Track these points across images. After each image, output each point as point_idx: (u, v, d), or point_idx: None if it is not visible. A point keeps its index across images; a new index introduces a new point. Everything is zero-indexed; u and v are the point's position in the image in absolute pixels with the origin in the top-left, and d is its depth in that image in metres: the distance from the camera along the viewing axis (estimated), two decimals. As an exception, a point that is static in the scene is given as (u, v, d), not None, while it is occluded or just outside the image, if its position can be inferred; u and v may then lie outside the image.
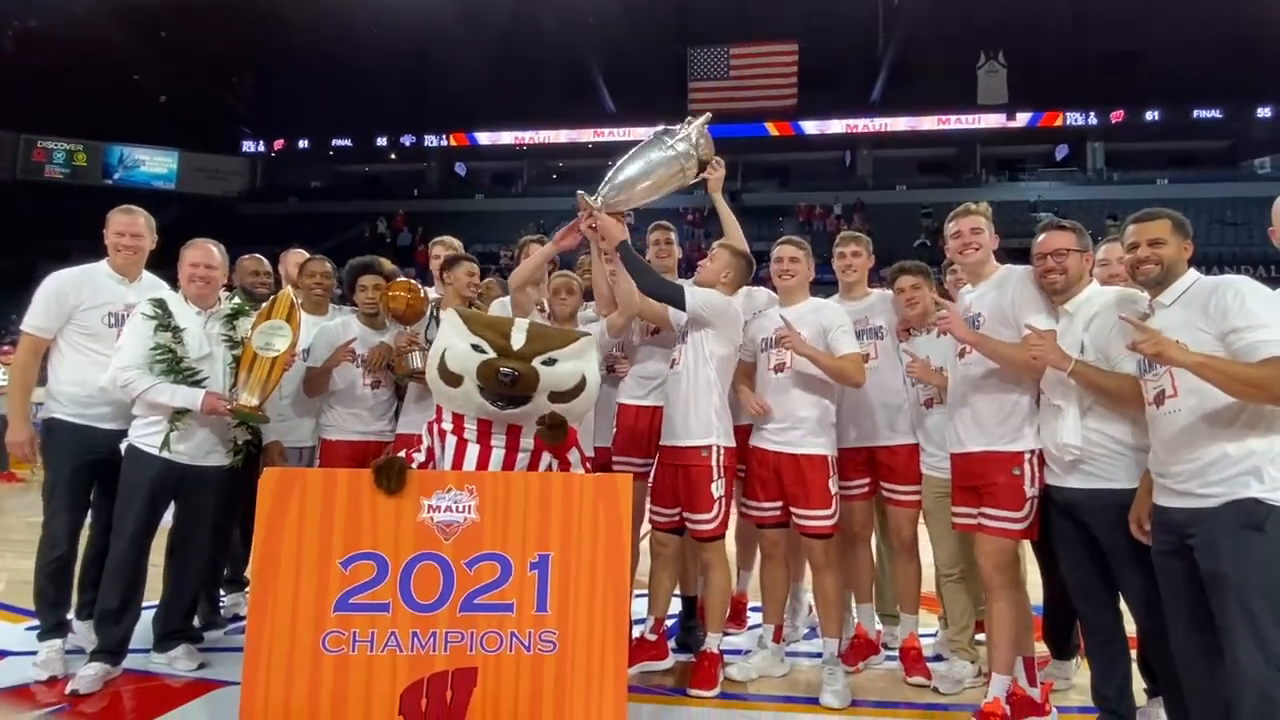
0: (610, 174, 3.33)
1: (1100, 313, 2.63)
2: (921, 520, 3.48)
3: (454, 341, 2.71)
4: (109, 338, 3.23)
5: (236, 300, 3.40)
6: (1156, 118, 26.42)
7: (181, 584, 3.32)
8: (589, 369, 2.79)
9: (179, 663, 3.25)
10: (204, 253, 3.27)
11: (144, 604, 3.27)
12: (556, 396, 2.71)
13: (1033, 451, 2.80)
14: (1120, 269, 2.73)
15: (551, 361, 2.70)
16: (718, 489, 3.19)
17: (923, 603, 3.56)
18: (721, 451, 3.21)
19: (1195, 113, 26.10)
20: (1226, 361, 2.15)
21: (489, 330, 2.74)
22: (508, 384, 2.61)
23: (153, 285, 3.40)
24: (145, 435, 3.12)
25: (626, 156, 3.34)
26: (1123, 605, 2.72)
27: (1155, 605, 2.44)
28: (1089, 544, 2.65)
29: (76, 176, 27.99)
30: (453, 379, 2.68)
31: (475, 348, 2.67)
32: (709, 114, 3.46)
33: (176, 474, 3.14)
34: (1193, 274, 2.41)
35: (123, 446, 3.16)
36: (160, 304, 3.16)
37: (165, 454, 3.09)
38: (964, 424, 2.95)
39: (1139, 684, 2.84)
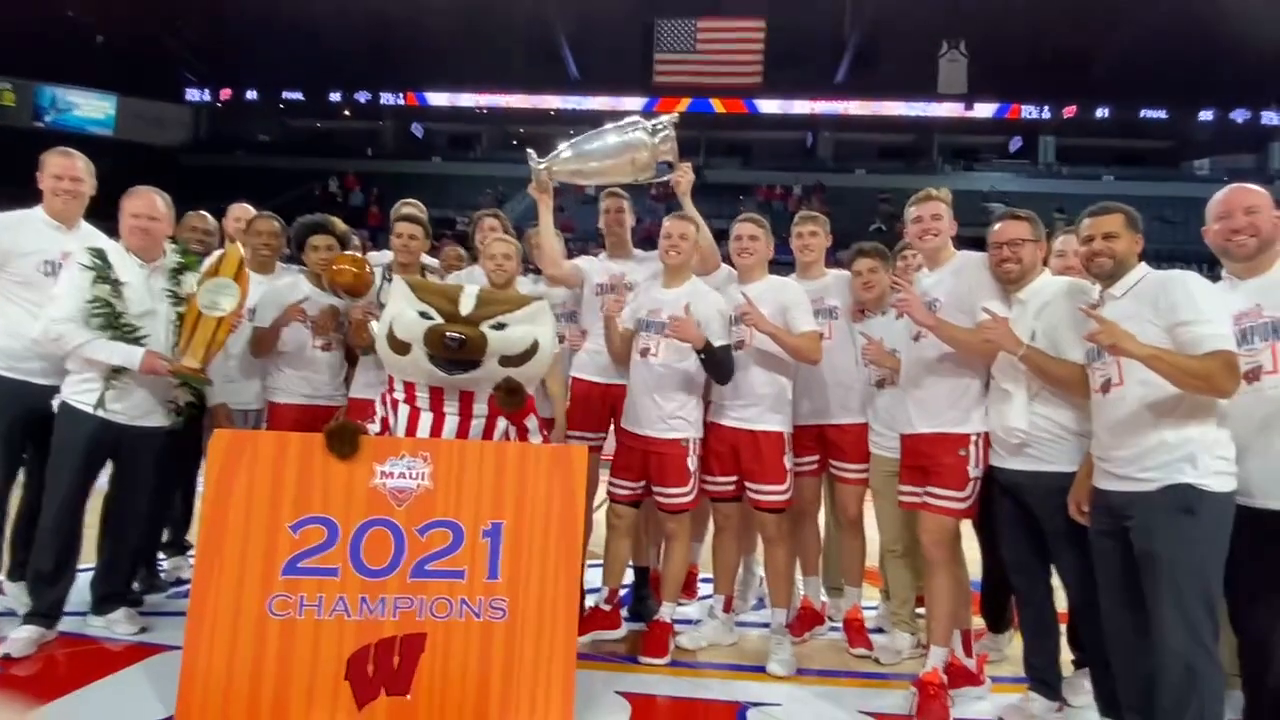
0: (564, 145, 3.41)
1: (1051, 302, 2.71)
2: (868, 497, 3.57)
3: (402, 309, 2.67)
4: (45, 287, 3.03)
5: (181, 255, 3.22)
6: (1106, 115, 27.19)
7: (120, 547, 3.20)
8: (542, 333, 2.77)
9: (118, 626, 3.15)
10: (146, 202, 3.09)
11: (81, 566, 3.15)
12: (507, 361, 2.69)
13: (979, 434, 2.89)
14: (1075, 261, 2.81)
15: (501, 326, 2.67)
16: (691, 464, 3.28)
17: (866, 577, 3.66)
18: (696, 440, 3.30)
19: (1142, 112, 26.95)
20: (1175, 354, 2.24)
21: (437, 296, 2.71)
22: (455, 348, 2.58)
23: (91, 234, 3.20)
24: (79, 393, 2.97)
25: (587, 134, 3.41)
26: (1054, 582, 2.85)
27: (1088, 582, 2.56)
28: (1028, 524, 2.76)
29: (4, 117, 26.27)
30: (401, 347, 2.64)
31: (423, 314, 2.64)
32: (677, 116, 3.49)
33: (113, 434, 3.00)
34: (1143, 268, 2.49)
35: (55, 403, 3.00)
36: (99, 254, 2.98)
37: (100, 413, 2.95)
38: (915, 405, 3.03)
39: (1067, 655, 2.99)
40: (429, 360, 2.62)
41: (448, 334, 2.58)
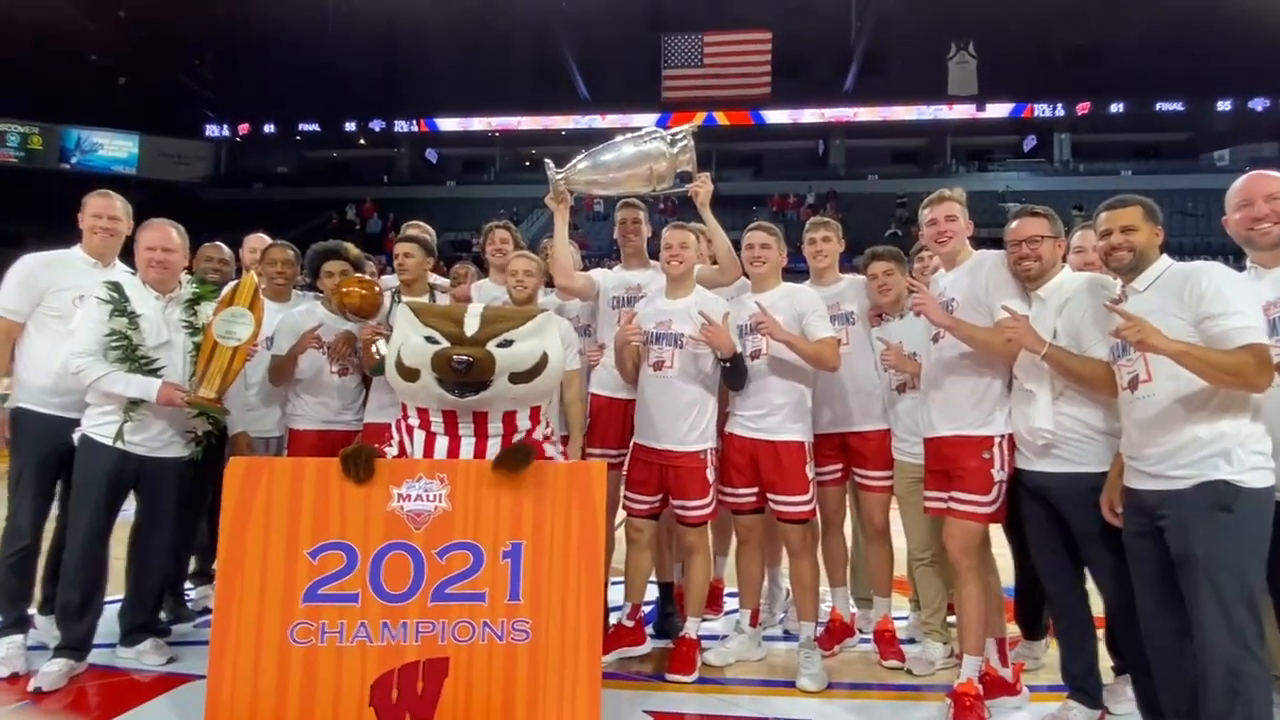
0: (582, 156, 3.43)
1: (1072, 298, 2.65)
2: (894, 505, 3.50)
3: (408, 335, 2.65)
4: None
5: (197, 285, 3.26)
6: (1121, 110, 26.91)
7: (145, 579, 3.20)
8: (550, 345, 2.74)
9: (146, 657, 3.15)
10: (161, 234, 3.13)
11: (108, 598, 3.17)
12: (517, 377, 2.65)
13: (1003, 436, 2.82)
14: (1095, 256, 2.75)
15: (508, 343, 2.64)
16: (710, 475, 3.25)
17: (895, 586, 3.59)
18: (713, 451, 3.28)
19: (1158, 106, 26.64)
20: (1205, 349, 2.17)
21: (441, 319, 2.69)
22: (463, 371, 2.55)
23: (126, 272, 3.26)
24: (98, 425, 3.00)
25: (605, 144, 3.41)
26: (1089, 586, 2.76)
27: (1125, 585, 2.48)
28: (1059, 527, 2.69)
29: (32, 160, 27.06)
30: (410, 374, 2.62)
31: (428, 339, 2.61)
32: (695, 126, 3.48)
33: (134, 466, 3.03)
34: (1165, 260, 2.43)
35: (75, 436, 3.04)
36: (116, 287, 3.02)
37: (120, 445, 2.98)
38: (937, 408, 2.97)
39: (1106, 662, 2.90)
40: (439, 385, 2.60)
41: (454, 358, 2.55)
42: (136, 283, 3.12)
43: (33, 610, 3.25)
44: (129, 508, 3.20)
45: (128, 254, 3.30)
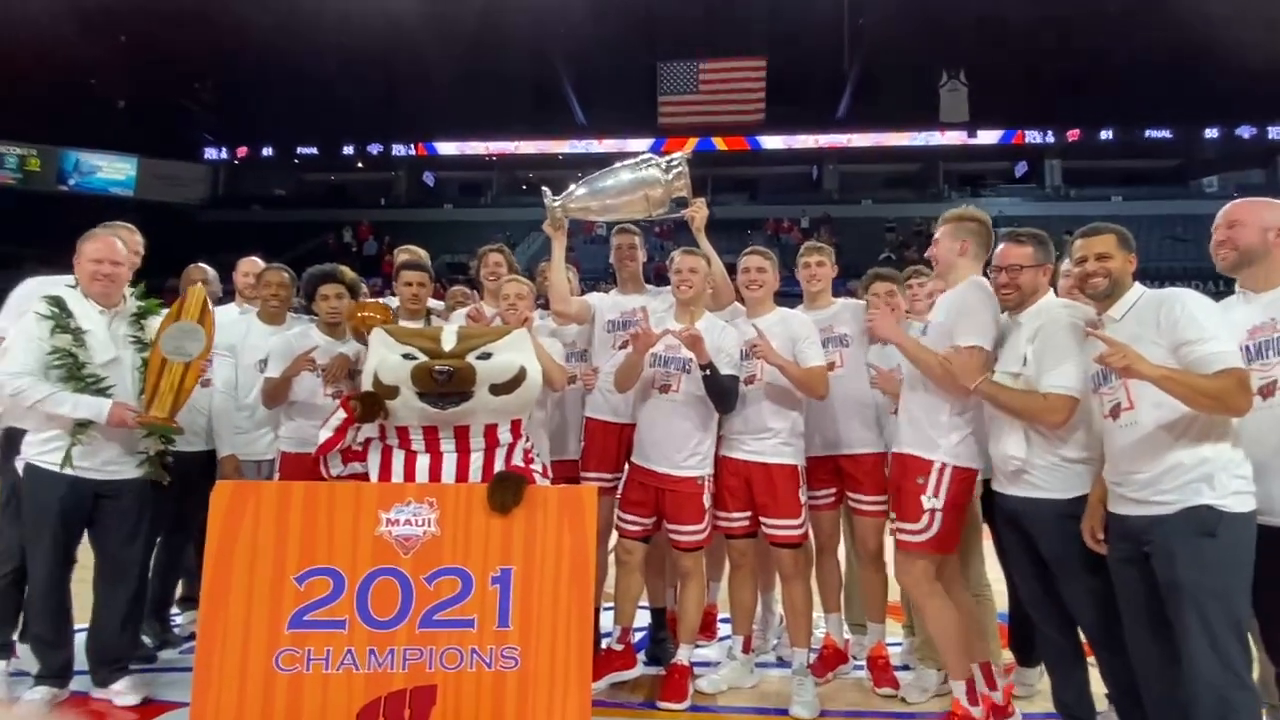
0: (579, 183, 3.47)
1: (1044, 325, 2.66)
2: (889, 530, 3.48)
3: (384, 355, 2.67)
4: None
5: (141, 299, 3.12)
6: (1110, 137, 27.27)
7: (110, 607, 3.01)
8: (526, 360, 2.77)
9: (121, 698, 2.99)
10: (106, 245, 2.96)
11: (77, 626, 3.10)
12: (497, 389, 2.68)
13: (945, 465, 2.82)
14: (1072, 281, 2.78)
15: (486, 356, 2.68)
16: (706, 500, 3.25)
17: (889, 612, 3.56)
18: (710, 478, 3.28)
19: (1147, 133, 27.01)
20: (1187, 374, 2.19)
21: (418, 338, 2.73)
22: (444, 381, 2.58)
23: (66, 286, 3.07)
24: (44, 452, 2.84)
25: (601, 171, 3.46)
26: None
27: (1101, 612, 2.50)
28: (1034, 554, 2.68)
29: (29, 182, 27.12)
30: (389, 391, 2.63)
31: (407, 356, 2.64)
32: (689, 152, 3.53)
33: (88, 491, 2.88)
34: (1139, 288, 2.46)
35: (19, 466, 2.89)
36: (58, 301, 2.88)
37: (69, 471, 2.82)
38: (901, 425, 3.02)
39: (1100, 688, 2.87)
40: (419, 399, 2.61)
41: (435, 368, 2.58)
42: (78, 297, 2.95)
43: (15, 636, 3.19)
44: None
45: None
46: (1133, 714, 2.51)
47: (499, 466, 2.77)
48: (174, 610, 3.87)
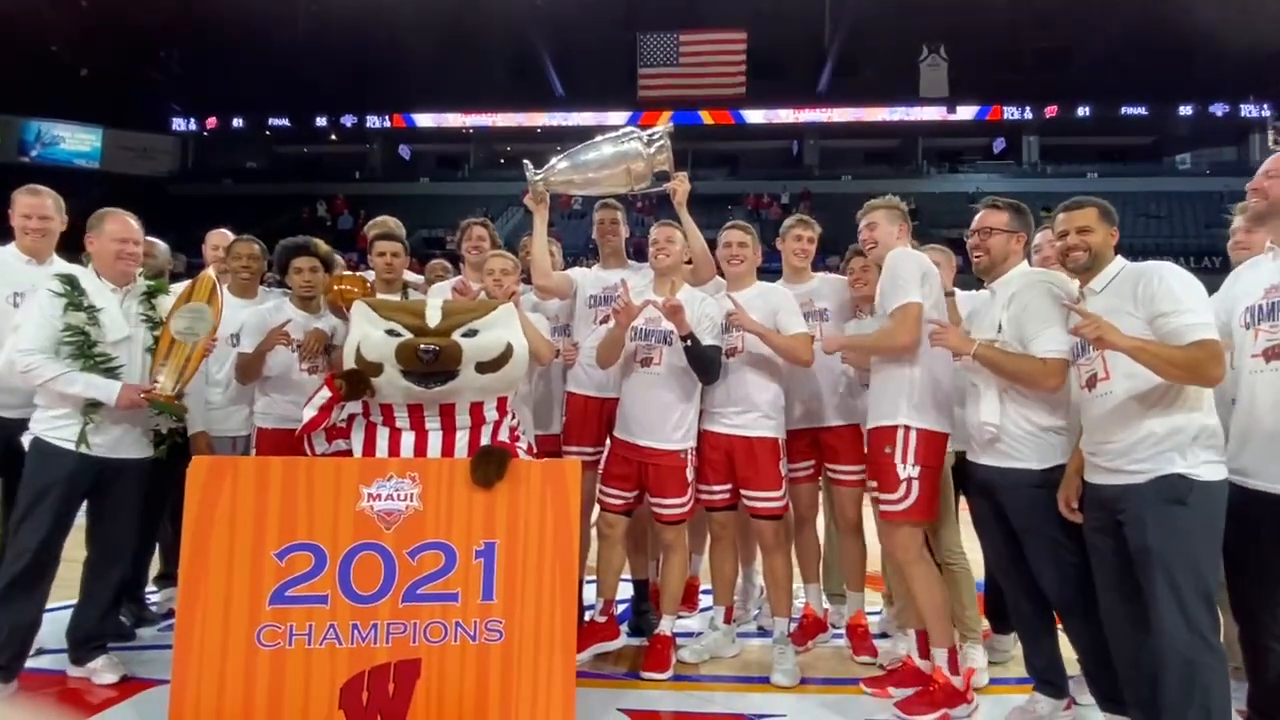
0: (560, 156, 3.44)
1: (1018, 292, 2.70)
2: (867, 500, 3.53)
3: (367, 331, 2.62)
4: (12, 318, 2.97)
5: (149, 279, 3.15)
6: (1087, 114, 27.45)
7: (102, 584, 3.04)
8: (513, 336, 2.73)
9: (99, 675, 2.98)
10: (129, 226, 3.01)
11: (60, 604, 3.06)
12: (483, 367, 2.64)
13: (908, 429, 2.87)
14: (1053, 254, 2.80)
15: (472, 333, 2.64)
16: (689, 474, 3.27)
17: (868, 582, 3.62)
18: (693, 451, 3.29)
19: (1123, 110, 27.22)
20: (1159, 345, 2.23)
21: (402, 313, 2.67)
22: (430, 360, 2.54)
23: (66, 269, 3.10)
24: (55, 429, 2.85)
25: (583, 145, 3.43)
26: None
27: (1068, 584, 2.57)
28: (1005, 523, 2.73)
29: (-10, 152, 26.32)
30: (373, 368, 2.59)
31: (390, 332, 2.59)
32: (671, 126, 3.48)
33: (93, 468, 2.89)
34: (1120, 261, 2.49)
35: (25, 440, 2.89)
36: (70, 280, 2.89)
37: (82, 449, 2.84)
38: (869, 400, 3.09)
39: (1072, 653, 2.94)
40: (404, 377, 2.58)
41: (421, 346, 2.53)
42: (91, 275, 2.98)
43: None
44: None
45: (72, 250, 3.18)
46: (1101, 680, 2.58)
47: (485, 444, 2.75)
48: (150, 588, 3.83)
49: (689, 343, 3.11)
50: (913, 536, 2.95)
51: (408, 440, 2.71)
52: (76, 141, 27.63)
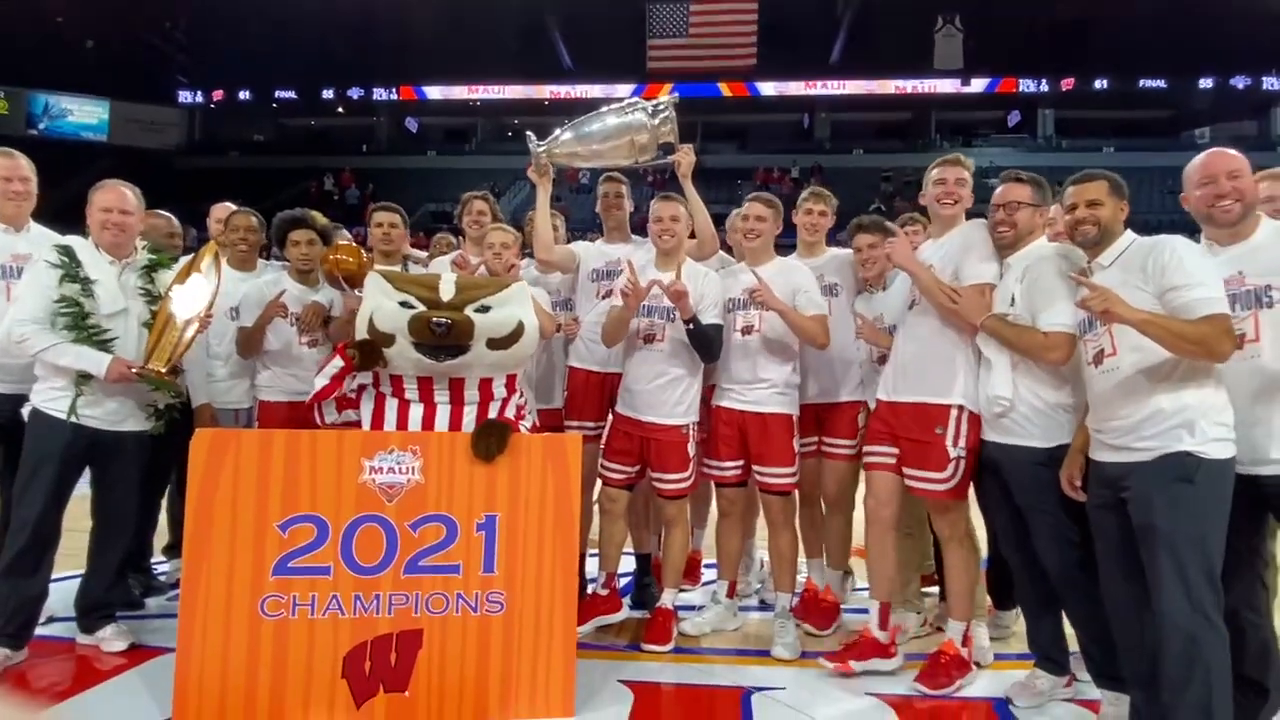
0: (564, 128, 3.40)
1: (1032, 265, 2.67)
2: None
3: (381, 301, 2.62)
4: None
5: (152, 252, 3.12)
6: (1104, 87, 26.92)
7: (105, 555, 3.08)
8: (525, 314, 2.73)
9: (108, 644, 3.03)
10: (117, 195, 2.97)
11: (66, 574, 3.11)
12: (495, 343, 2.65)
13: (960, 409, 2.82)
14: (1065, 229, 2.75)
15: (485, 309, 2.64)
16: (691, 449, 3.26)
17: (858, 554, 3.62)
18: (694, 426, 3.28)
19: (1140, 82, 26.67)
20: (1168, 319, 2.19)
21: (416, 285, 2.67)
22: (442, 333, 2.55)
23: (43, 235, 3.10)
24: (50, 399, 2.85)
25: (587, 116, 3.38)
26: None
27: (1069, 562, 2.57)
28: (1010, 499, 2.72)
29: (-3, 126, 26.28)
30: (385, 339, 2.59)
31: (404, 304, 2.60)
32: (676, 96, 3.42)
33: (88, 440, 2.88)
34: (1130, 235, 2.44)
35: (25, 411, 2.90)
36: (67, 251, 2.87)
37: (74, 419, 2.84)
38: (899, 373, 2.99)
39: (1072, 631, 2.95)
40: (415, 349, 2.59)
41: (433, 319, 2.54)
42: (89, 246, 2.95)
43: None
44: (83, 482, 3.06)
45: (74, 224, 3.15)
46: (1100, 658, 2.59)
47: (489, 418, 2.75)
48: (159, 558, 3.88)
49: (691, 326, 3.09)
50: (960, 513, 2.96)
51: (416, 412, 2.72)
52: (84, 114, 27.56)
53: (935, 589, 3.56)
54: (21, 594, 2.87)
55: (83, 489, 3.03)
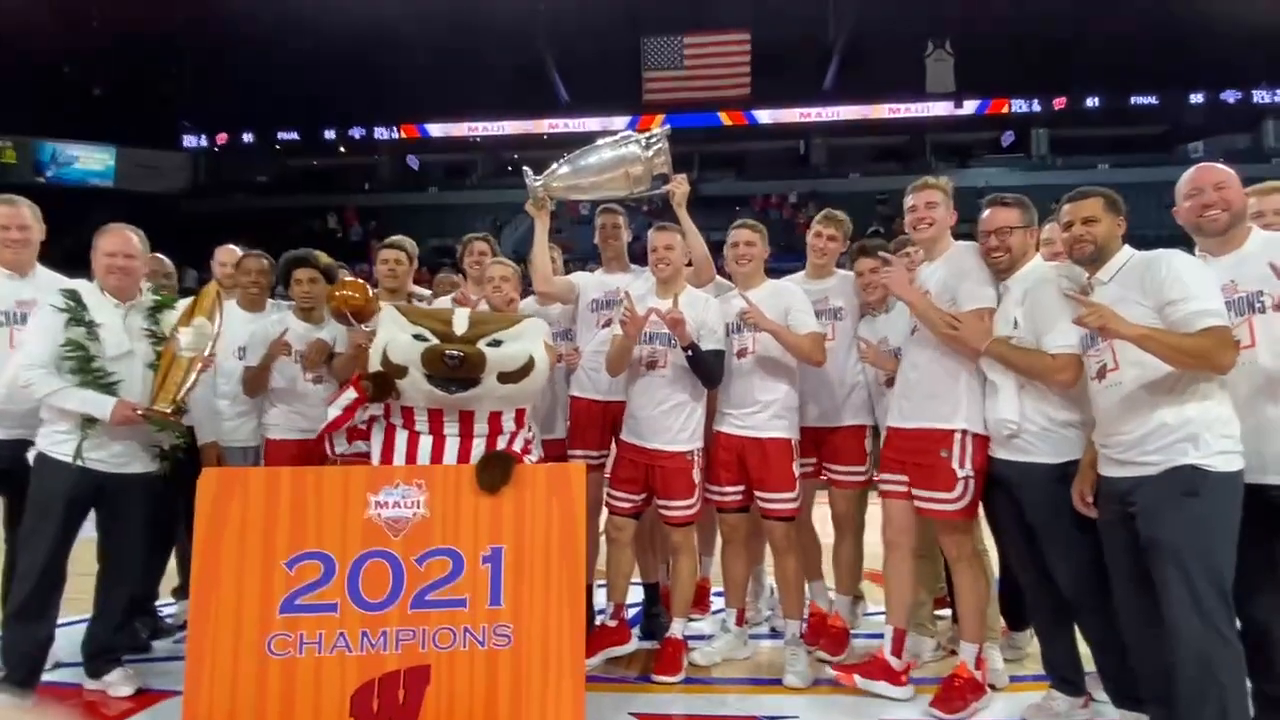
0: (559, 163, 3.45)
1: (1032, 288, 2.68)
2: (874, 500, 3.49)
3: (395, 334, 2.67)
4: (0, 337, 3.01)
5: (155, 293, 3.15)
6: (1096, 104, 27.18)
7: (111, 599, 3.06)
8: (536, 349, 2.77)
9: (115, 689, 3.00)
10: (121, 240, 3.01)
11: (72, 619, 3.10)
12: (505, 377, 2.68)
13: (964, 432, 2.82)
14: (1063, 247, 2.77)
15: (497, 343, 2.68)
16: (696, 476, 3.26)
17: (871, 579, 3.59)
18: (699, 452, 3.28)
19: (1132, 99, 26.92)
20: (1167, 333, 2.20)
21: (429, 319, 2.73)
22: (455, 366, 2.58)
23: (50, 280, 3.14)
24: (56, 443, 2.86)
25: (582, 150, 3.43)
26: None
27: (1083, 579, 2.54)
28: (1023, 518, 2.71)
29: (6, 175, 26.50)
30: (398, 370, 2.63)
31: (418, 337, 2.64)
32: (669, 128, 3.48)
33: (94, 483, 2.89)
34: (1128, 250, 2.47)
35: (30, 456, 2.91)
36: (73, 295, 2.91)
37: (80, 462, 2.84)
38: (904, 398, 3.00)
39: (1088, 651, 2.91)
40: (428, 381, 2.62)
41: (447, 352, 2.58)
42: (94, 290, 2.99)
43: None
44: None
45: (79, 267, 3.19)
46: (1115, 677, 2.56)
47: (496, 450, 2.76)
48: (168, 600, 3.86)
49: (690, 353, 3.11)
50: (968, 534, 2.95)
51: (425, 444, 2.74)
52: (91, 161, 27.94)
53: (948, 611, 3.52)
54: (28, 640, 2.86)
55: (89, 532, 3.04)
